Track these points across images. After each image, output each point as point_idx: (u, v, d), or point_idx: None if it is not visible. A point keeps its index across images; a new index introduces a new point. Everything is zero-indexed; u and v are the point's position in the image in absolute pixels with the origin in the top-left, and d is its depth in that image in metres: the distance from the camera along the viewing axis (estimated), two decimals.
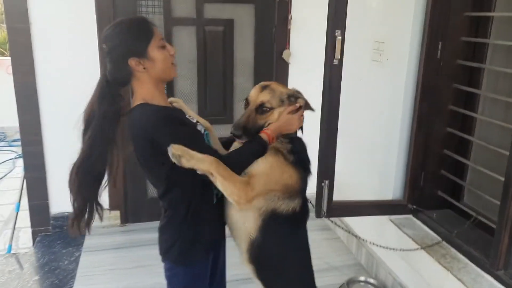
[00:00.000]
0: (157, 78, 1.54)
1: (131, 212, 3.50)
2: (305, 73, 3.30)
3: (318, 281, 1.74)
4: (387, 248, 2.35)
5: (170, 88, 3.32)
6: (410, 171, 2.40)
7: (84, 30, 3.05)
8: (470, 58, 2.24)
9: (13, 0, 2.91)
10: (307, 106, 1.66)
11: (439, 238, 2.24)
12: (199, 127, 1.62)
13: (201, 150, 1.43)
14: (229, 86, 3.48)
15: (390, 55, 2.49)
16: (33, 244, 3.22)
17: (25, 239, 3.45)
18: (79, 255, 3.04)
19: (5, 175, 4.91)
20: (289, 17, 3.36)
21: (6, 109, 4.97)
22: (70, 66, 3.10)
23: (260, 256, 1.59)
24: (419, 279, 2.23)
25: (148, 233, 3.37)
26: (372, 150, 2.63)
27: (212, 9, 3.27)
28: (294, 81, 3.41)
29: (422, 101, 2.32)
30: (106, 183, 1.70)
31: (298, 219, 1.61)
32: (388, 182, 2.48)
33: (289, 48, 3.44)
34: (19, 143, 3.36)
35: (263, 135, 1.55)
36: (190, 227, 1.57)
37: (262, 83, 1.65)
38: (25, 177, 3.28)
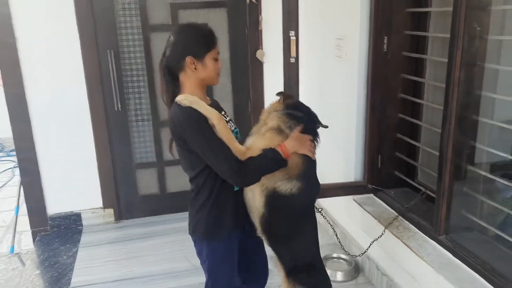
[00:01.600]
0: (202, 80, 1.77)
1: (124, 209, 3.75)
2: (278, 71, 3.52)
3: None
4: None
5: (153, 91, 3.56)
6: (368, 154, 2.66)
7: (67, 42, 3.28)
8: (414, 50, 2.49)
9: None
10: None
11: (395, 213, 2.50)
12: (230, 125, 1.82)
13: (222, 150, 1.66)
14: (208, 86, 3.70)
15: (348, 51, 2.73)
16: (34, 243, 3.47)
17: (26, 241, 3.69)
18: (76, 251, 3.29)
19: (5, 184, 5.15)
20: (260, 19, 3.59)
21: (3, 121, 5.31)
22: (55, 76, 3.33)
23: (269, 228, 1.81)
24: (379, 250, 2.48)
25: (141, 227, 3.64)
26: (335, 138, 2.87)
27: (186, 15, 3.50)
28: (269, 79, 3.64)
29: (373, 91, 2.57)
30: None
31: (301, 197, 1.77)
32: (349, 166, 2.74)
33: (262, 48, 3.67)
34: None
35: (280, 150, 1.71)
36: (212, 209, 1.78)
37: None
38: (21, 182, 3.53)
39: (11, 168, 5.60)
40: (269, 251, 1.95)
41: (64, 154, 3.50)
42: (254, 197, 1.79)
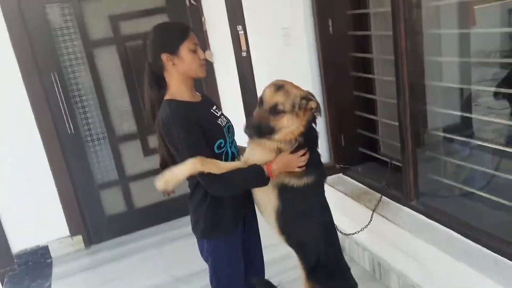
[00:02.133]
0: (185, 74, 1.72)
1: (92, 234, 3.61)
2: (230, 68, 3.51)
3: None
4: None
5: (104, 107, 3.45)
6: (331, 135, 2.71)
7: (5, 71, 3.12)
8: (358, 28, 2.55)
9: None
10: (317, 109, 1.70)
11: (365, 188, 2.56)
12: (221, 120, 1.79)
13: (197, 152, 1.61)
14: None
15: (296, 38, 2.76)
16: (2, 285, 3.27)
17: None
18: (50, 285, 3.13)
19: None
20: (203, 20, 3.57)
21: None
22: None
23: (286, 223, 1.75)
24: (355, 225, 2.52)
25: (113, 249, 3.52)
26: None
27: (128, 25, 3.42)
28: (221, 79, 3.62)
29: (326, 73, 2.62)
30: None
31: (313, 188, 1.75)
32: None
33: (209, 49, 3.65)
34: None
35: (266, 169, 1.66)
36: (209, 209, 1.75)
37: (277, 81, 1.69)
38: None
39: None
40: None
41: (21, 186, 3.32)
42: (267, 193, 1.74)
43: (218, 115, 1.82)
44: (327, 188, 2.63)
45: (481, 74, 2.39)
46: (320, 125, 2.74)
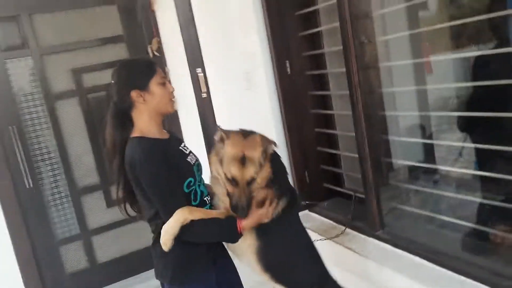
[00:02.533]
0: (155, 110, 1.69)
1: None
2: (192, 108, 3.49)
3: None
4: None
5: (66, 159, 3.38)
6: (295, 172, 2.73)
7: None
8: (315, 68, 2.67)
9: None
10: (274, 144, 1.72)
11: (332, 222, 2.56)
12: (190, 158, 1.75)
13: (171, 197, 1.59)
14: None
15: (256, 82, 2.84)
16: None
17: None
18: None
19: None
20: (166, 70, 3.60)
21: None
22: None
23: (269, 260, 1.70)
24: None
25: None
26: None
27: (90, 78, 3.44)
28: (185, 120, 3.58)
29: (287, 112, 2.69)
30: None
31: (289, 210, 1.73)
32: None
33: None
34: None
35: (238, 226, 1.62)
36: (179, 251, 1.62)
37: (236, 153, 1.62)
38: None
39: None
40: None
41: None
42: (245, 236, 1.67)
43: (187, 152, 1.79)
44: None
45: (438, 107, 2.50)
46: (284, 163, 2.77)
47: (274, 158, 1.75)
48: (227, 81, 2.67)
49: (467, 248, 1.95)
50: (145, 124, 1.70)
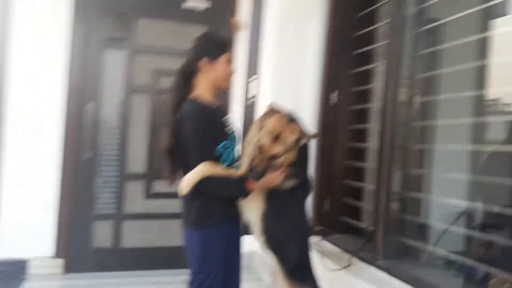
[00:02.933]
0: (214, 81, 2.00)
1: (74, 261, 3.62)
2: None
3: None
4: None
5: (124, 144, 3.76)
6: (317, 198, 2.80)
7: (52, 89, 3.57)
8: (360, 103, 2.81)
9: None
10: (310, 138, 1.97)
11: (340, 252, 2.56)
12: (229, 128, 2.01)
13: (204, 152, 1.84)
14: None
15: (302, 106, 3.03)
16: None
17: None
18: None
19: None
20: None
21: None
22: (35, 117, 3.55)
23: (269, 224, 1.89)
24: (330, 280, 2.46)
25: (88, 280, 3.49)
26: None
27: (165, 81, 3.84)
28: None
29: (324, 139, 2.82)
30: None
31: (297, 191, 1.94)
32: None
33: None
34: None
35: (248, 184, 1.84)
36: (203, 200, 1.89)
37: (272, 128, 1.87)
38: None
39: None
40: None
41: (25, 195, 3.51)
42: (255, 197, 1.89)
43: (228, 124, 2.04)
44: None
45: None
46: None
47: (304, 147, 1.96)
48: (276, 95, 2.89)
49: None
50: (202, 90, 1.99)
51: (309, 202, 2.78)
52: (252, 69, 2.64)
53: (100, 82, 3.73)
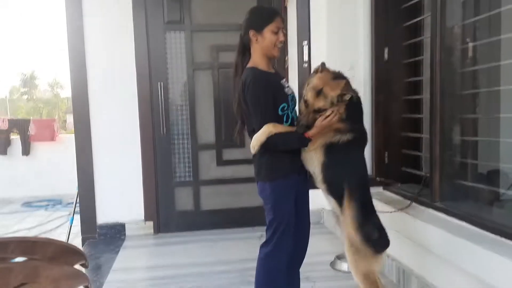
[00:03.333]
0: (264, 51, 2.15)
1: (162, 223, 4.13)
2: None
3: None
4: None
5: (193, 118, 4.13)
6: (375, 151, 2.98)
7: (126, 76, 3.98)
8: (412, 56, 2.89)
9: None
10: (354, 97, 2.08)
11: (401, 198, 2.74)
12: (287, 90, 2.19)
13: (266, 115, 2.05)
14: None
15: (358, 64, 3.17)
16: (82, 247, 3.88)
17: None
18: (118, 251, 3.67)
19: (60, 225, 5.60)
20: (286, 59, 4.18)
21: (64, 181, 6.31)
22: (114, 104, 4.01)
23: (330, 174, 2.11)
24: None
25: (175, 238, 3.98)
26: None
27: (224, 56, 4.15)
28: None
29: (377, 94, 2.96)
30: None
31: (353, 144, 2.11)
32: None
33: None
34: (72, 206, 4.34)
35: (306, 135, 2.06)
36: (270, 158, 2.12)
37: (317, 83, 2.04)
38: (78, 195, 4.06)
39: (67, 215, 6.14)
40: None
41: (116, 171, 4.03)
42: (315, 152, 2.12)
43: (286, 86, 2.23)
44: None
45: None
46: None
47: (354, 105, 2.11)
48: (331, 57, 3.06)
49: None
50: (257, 59, 2.18)
51: (369, 155, 3.01)
52: (305, 34, 2.81)
53: (165, 64, 4.08)
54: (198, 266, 3.27)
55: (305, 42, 2.81)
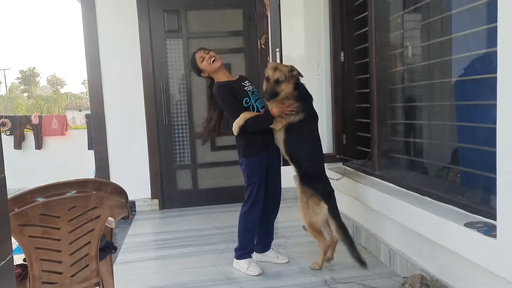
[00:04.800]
0: (212, 73, 2.98)
1: (166, 200, 4.91)
2: None
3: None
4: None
5: (190, 111, 4.89)
6: (335, 133, 3.74)
7: (133, 76, 4.74)
8: (362, 58, 3.65)
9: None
10: (299, 75, 2.87)
11: (353, 170, 3.52)
12: (247, 88, 2.95)
13: (237, 110, 2.85)
14: None
15: (322, 70, 3.95)
16: None
17: None
18: (130, 223, 4.44)
19: None
20: (268, 59, 4.91)
21: (76, 171, 7.04)
22: (124, 100, 4.77)
23: (290, 146, 2.84)
24: (340, 189, 3.44)
25: (178, 212, 4.76)
26: None
27: None
28: None
29: (336, 87, 3.72)
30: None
31: (306, 121, 2.84)
32: (324, 143, 3.81)
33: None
34: None
35: (271, 113, 2.82)
36: (246, 139, 2.90)
37: (272, 64, 2.94)
38: (96, 176, 4.83)
39: None
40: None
41: (127, 157, 4.80)
42: (280, 131, 2.87)
43: (247, 85, 3.01)
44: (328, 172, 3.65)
45: None
46: (329, 127, 3.82)
47: (301, 87, 2.90)
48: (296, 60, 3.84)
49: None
50: (216, 77, 3.00)
51: (330, 137, 3.78)
52: (277, 42, 3.54)
53: (166, 66, 4.84)
54: (196, 231, 4.05)
55: (277, 49, 3.55)
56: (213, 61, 2.98)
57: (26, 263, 1.87)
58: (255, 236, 3.09)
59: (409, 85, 3.11)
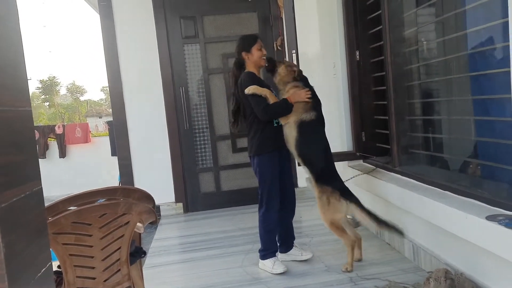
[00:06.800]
0: (254, 64, 3.02)
1: (190, 204, 5.01)
2: None
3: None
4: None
5: (210, 114, 4.98)
6: (354, 131, 3.77)
7: (153, 83, 4.86)
8: (377, 56, 3.67)
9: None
10: (299, 72, 3.00)
11: (373, 167, 3.54)
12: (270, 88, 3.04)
13: (258, 100, 2.86)
14: None
15: (338, 69, 3.98)
16: None
17: None
18: (156, 227, 4.56)
19: None
20: (284, 59, 4.97)
21: (99, 178, 7.28)
22: (145, 106, 4.89)
23: (302, 148, 2.87)
24: (361, 186, 3.47)
25: (202, 215, 4.85)
26: (332, 122, 3.99)
27: (232, 62, 4.96)
28: None
29: (352, 88, 3.75)
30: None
31: (316, 122, 2.90)
32: (344, 141, 3.85)
33: None
34: None
35: (288, 100, 2.87)
36: (260, 136, 2.94)
37: (285, 63, 3.09)
38: (120, 181, 4.96)
39: None
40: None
41: (150, 162, 4.92)
42: (291, 130, 2.91)
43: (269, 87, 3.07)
44: (348, 168, 3.69)
45: None
46: (348, 125, 3.84)
47: (312, 91, 2.96)
48: (317, 66, 3.87)
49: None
50: (250, 69, 3.02)
51: (350, 135, 3.81)
52: (293, 44, 3.59)
53: (185, 71, 4.93)
54: (221, 233, 4.14)
55: (294, 51, 3.60)
56: (263, 59, 3.04)
57: (60, 270, 1.97)
58: (277, 236, 3.14)
59: (425, 81, 3.11)
